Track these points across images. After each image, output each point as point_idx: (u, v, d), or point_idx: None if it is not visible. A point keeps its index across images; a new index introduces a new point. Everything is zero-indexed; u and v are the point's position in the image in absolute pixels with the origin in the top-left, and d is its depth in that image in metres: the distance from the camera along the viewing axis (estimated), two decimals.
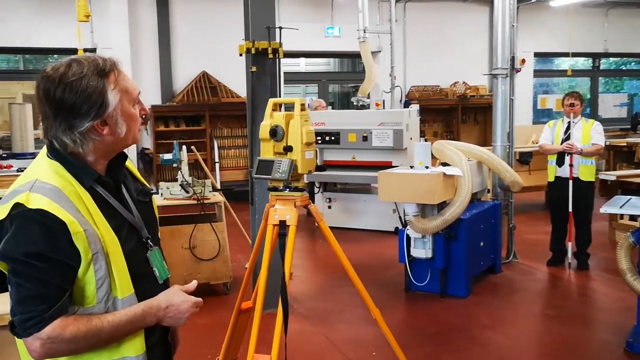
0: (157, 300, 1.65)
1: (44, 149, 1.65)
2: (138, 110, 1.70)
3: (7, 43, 9.84)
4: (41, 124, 1.64)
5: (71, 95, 1.55)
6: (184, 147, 5.47)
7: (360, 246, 7.18)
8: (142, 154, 10.46)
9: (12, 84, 11.20)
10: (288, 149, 2.83)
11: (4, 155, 8.78)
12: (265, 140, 2.87)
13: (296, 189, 2.87)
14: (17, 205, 1.50)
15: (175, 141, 5.57)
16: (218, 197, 5.41)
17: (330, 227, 7.92)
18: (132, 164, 1.89)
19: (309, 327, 4.71)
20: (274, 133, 2.83)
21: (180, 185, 5.28)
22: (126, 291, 1.62)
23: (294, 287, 5.69)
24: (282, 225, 2.79)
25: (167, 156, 5.34)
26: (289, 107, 3.02)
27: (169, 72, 10.69)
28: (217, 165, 10.37)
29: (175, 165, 5.36)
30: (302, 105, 2.83)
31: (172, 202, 5.31)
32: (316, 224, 3.78)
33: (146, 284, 1.70)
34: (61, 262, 1.50)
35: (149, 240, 1.76)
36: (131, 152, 10.31)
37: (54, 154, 1.62)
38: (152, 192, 1.91)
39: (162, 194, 5.37)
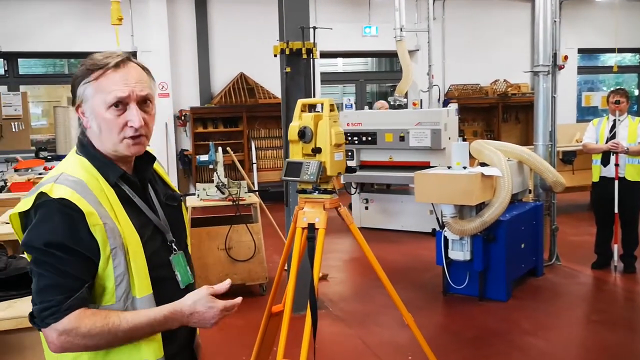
0: (180, 305, 1.60)
1: (74, 147, 1.69)
2: (119, 117, 1.59)
3: (53, 48, 10.11)
4: None
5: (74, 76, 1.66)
6: (220, 148, 5.49)
7: (398, 247, 7.10)
8: (182, 155, 10.60)
9: (58, 88, 11.50)
10: (317, 150, 2.78)
11: (48, 157, 9.01)
12: (293, 142, 2.83)
13: (325, 191, 2.82)
14: (41, 195, 1.53)
15: (211, 142, 5.60)
16: (254, 198, 5.41)
17: (367, 228, 7.92)
18: (162, 169, 1.89)
19: (345, 330, 4.67)
20: (303, 134, 2.78)
21: (216, 186, 5.30)
22: (144, 291, 1.59)
23: (330, 289, 5.66)
24: (311, 229, 2.74)
25: (203, 157, 5.37)
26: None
27: (207, 74, 10.80)
28: (254, 166, 10.42)
29: (211, 166, 5.39)
30: (331, 105, 2.78)
31: (209, 203, 5.34)
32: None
33: (167, 287, 1.68)
34: (81, 253, 1.51)
35: (173, 244, 1.73)
36: (171, 153, 10.48)
37: (82, 150, 1.65)
38: (181, 197, 1.89)
39: (198, 195, 5.41)
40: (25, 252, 1.59)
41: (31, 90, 11.15)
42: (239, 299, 1.65)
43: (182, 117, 10.57)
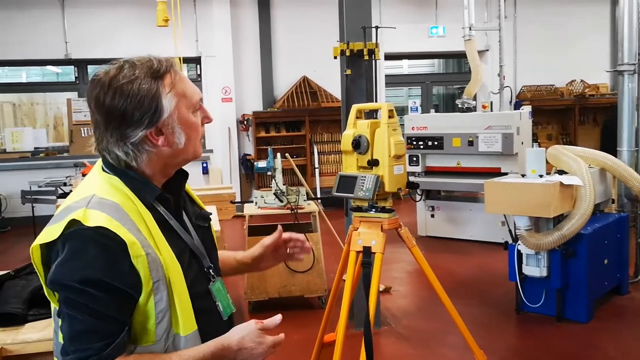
0: (228, 341, 1.40)
1: (99, 162, 1.47)
2: (200, 118, 1.47)
3: (121, 54, 9.96)
4: (93, 135, 1.45)
5: (121, 101, 1.35)
6: (279, 154, 5.30)
7: (467, 259, 6.71)
8: (244, 160, 10.54)
9: None
10: (373, 162, 2.45)
11: None
12: (347, 153, 2.51)
13: (383, 210, 2.48)
14: (73, 223, 1.29)
15: (269, 148, 5.42)
16: (313, 207, 5.19)
17: (433, 237, 7.54)
18: (188, 185, 1.66)
19: (408, 350, 4.36)
20: (357, 144, 2.46)
21: (274, 193, 5.11)
22: (189, 328, 1.39)
23: (393, 303, 5.36)
24: (367, 253, 2.40)
25: (262, 164, 5.19)
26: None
27: (270, 78, 10.71)
28: (316, 170, 10.24)
29: (269, 173, 5.20)
30: (390, 111, 2.45)
31: (266, 211, 5.16)
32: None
33: (208, 320, 1.47)
34: (122, 290, 1.29)
35: (210, 270, 1.53)
36: (234, 158, 10.43)
37: (110, 167, 1.43)
38: (210, 216, 1.67)
39: (256, 203, 5.24)
40: (48, 291, 1.38)
41: None
42: (281, 336, 1.47)
43: (245, 122, 10.51)
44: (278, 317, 1.46)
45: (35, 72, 11.79)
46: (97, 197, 1.36)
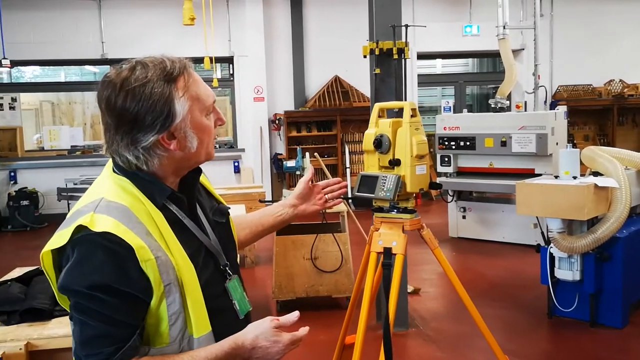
0: (242, 339, 1.38)
1: (109, 163, 1.46)
2: (213, 121, 1.45)
3: (156, 54, 10.37)
4: (103, 137, 1.45)
5: (133, 104, 1.33)
6: (307, 153, 5.30)
7: (498, 261, 6.60)
8: (275, 159, 10.59)
9: None
10: (395, 162, 2.39)
11: None
12: (369, 152, 2.46)
13: (405, 210, 2.43)
14: (80, 228, 1.30)
15: (298, 147, 5.43)
16: (341, 207, 5.17)
17: (465, 239, 7.43)
18: (206, 178, 1.64)
19: (436, 353, 4.31)
20: (379, 144, 2.40)
21: None
22: (203, 329, 1.38)
23: (422, 305, 5.31)
24: (387, 254, 2.35)
25: (290, 163, 5.20)
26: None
27: (301, 78, 10.73)
28: (348, 170, 10.21)
29: (298, 172, 5.21)
30: (413, 110, 2.38)
31: None
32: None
33: (224, 319, 1.46)
34: (131, 294, 1.29)
35: (227, 268, 1.51)
36: (265, 157, 10.48)
37: (120, 168, 1.42)
38: (229, 210, 1.66)
39: None
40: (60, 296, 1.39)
41: None
42: (305, 330, 1.43)
43: (277, 121, 10.55)
44: (295, 314, 1.42)
45: (73, 72, 12.06)
46: (105, 201, 1.35)
